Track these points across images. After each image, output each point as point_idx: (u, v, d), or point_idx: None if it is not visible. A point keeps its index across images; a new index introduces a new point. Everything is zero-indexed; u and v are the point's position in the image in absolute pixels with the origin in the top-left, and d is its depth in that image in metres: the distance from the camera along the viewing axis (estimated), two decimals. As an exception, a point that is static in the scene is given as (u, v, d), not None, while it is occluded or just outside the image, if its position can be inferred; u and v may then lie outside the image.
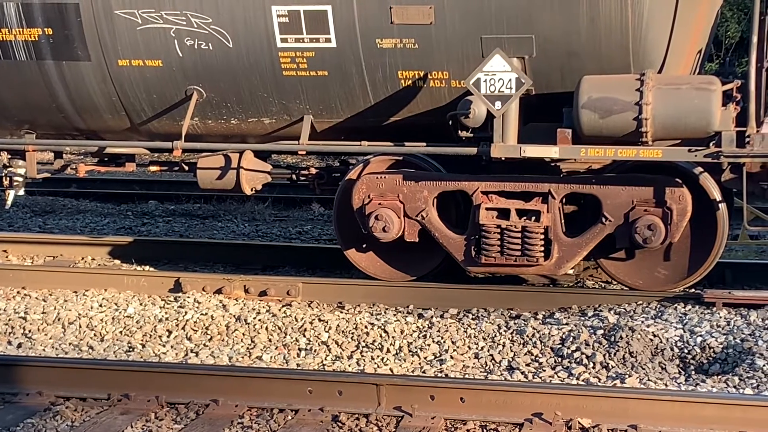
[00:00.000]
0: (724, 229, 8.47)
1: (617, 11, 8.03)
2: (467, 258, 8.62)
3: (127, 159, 10.05)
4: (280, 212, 13.55)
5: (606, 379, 6.94)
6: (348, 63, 8.64)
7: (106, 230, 12.41)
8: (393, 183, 8.69)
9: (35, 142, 9.79)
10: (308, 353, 7.66)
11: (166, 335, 8.12)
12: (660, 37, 8.24)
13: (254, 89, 8.94)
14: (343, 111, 8.94)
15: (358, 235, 8.93)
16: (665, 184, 8.24)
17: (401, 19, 8.41)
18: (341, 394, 6.12)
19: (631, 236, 8.27)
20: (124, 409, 6.14)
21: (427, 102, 8.71)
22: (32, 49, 9.18)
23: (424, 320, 8.27)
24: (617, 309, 8.35)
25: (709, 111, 7.88)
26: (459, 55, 8.43)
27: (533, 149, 8.23)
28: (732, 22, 18.76)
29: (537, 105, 8.52)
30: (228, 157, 9.24)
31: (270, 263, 10.39)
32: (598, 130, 8.02)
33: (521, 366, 7.26)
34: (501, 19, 8.23)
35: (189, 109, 9.02)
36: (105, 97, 9.27)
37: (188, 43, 8.82)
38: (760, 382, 6.72)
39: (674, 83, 8.01)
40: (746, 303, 8.29)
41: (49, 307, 8.70)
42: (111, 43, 8.98)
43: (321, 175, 9.61)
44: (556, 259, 8.46)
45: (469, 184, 8.55)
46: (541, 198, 8.44)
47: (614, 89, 7.98)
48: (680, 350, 7.35)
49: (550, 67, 8.34)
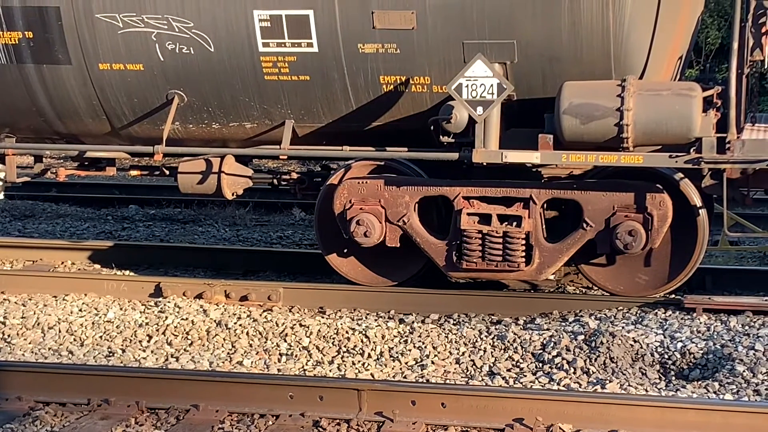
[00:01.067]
0: (705, 234, 8.50)
1: (598, 17, 8.05)
2: (448, 263, 8.61)
3: (108, 163, 10.01)
4: (261, 217, 13.54)
5: (587, 385, 6.94)
6: (330, 68, 8.64)
7: (86, 235, 12.35)
8: (374, 188, 8.68)
9: (15, 145, 9.73)
10: (289, 358, 7.65)
11: (147, 340, 8.09)
12: (641, 42, 8.26)
13: (236, 94, 8.92)
14: (325, 116, 8.93)
15: (340, 240, 8.92)
16: (646, 189, 8.26)
17: (383, 24, 8.41)
18: (322, 399, 6.11)
19: (612, 242, 8.28)
20: (104, 415, 6.11)
21: (409, 107, 8.71)
22: (12, 52, 9.14)
23: (405, 325, 8.25)
24: (598, 314, 8.36)
25: (689, 117, 7.91)
26: (441, 61, 8.43)
27: (515, 155, 8.23)
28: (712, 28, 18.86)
29: (518, 110, 8.54)
30: (209, 161, 9.22)
31: (251, 268, 10.37)
32: (579, 135, 8.03)
33: (502, 371, 7.27)
34: (483, 24, 8.23)
35: (170, 114, 9.00)
36: (85, 100, 9.24)
37: (169, 47, 8.80)
38: (740, 388, 6.74)
39: (655, 89, 8.03)
40: (726, 309, 8.32)
41: (28, 312, 8.66)
42: (92, 47, 8.95)
43: (302, 180, 9.60)
44: (537, 265, 8.46)
45: (450, 189, 8.56)
46: (523, 203, 8.44)
47: (595, 95, 7.99)
48: (660, 356, 7.37)
49: (531, 72, 8.35)
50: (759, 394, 6.64)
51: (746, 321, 8.06)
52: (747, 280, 9.39)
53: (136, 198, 14.80)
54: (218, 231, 12.59)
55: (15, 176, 9.83)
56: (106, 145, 9.63)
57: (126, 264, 10.48)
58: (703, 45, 18.61)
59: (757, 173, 8.14)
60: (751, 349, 7.26)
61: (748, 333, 7.73)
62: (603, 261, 8.71)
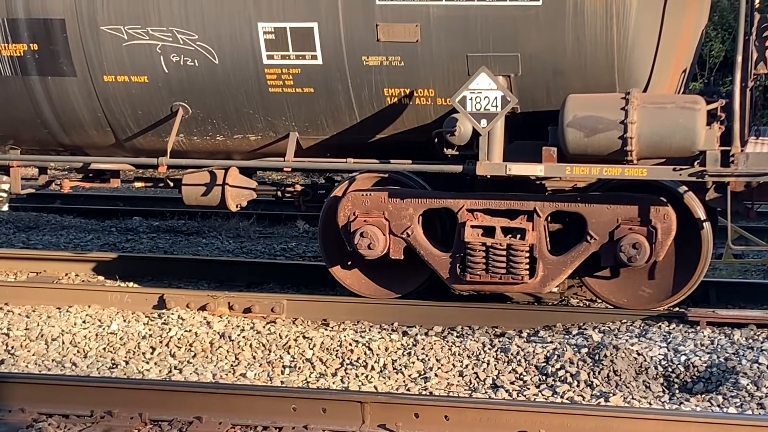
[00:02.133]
0: (709, 247, 8.49)
1: (602, 30, 8.06)
2: (452, 276, 8.61)
3: (112, 175, 10.03)
4: (265, 229, 13.54)
5: (590, 398, 6.94)
6: (334, 80, 8.65)
7: (89, 246, 12.35)
8: (378, 200, 8.68)
9: (19, 157, 9.75)
10: (292, 370, 7.65)
11: (150, 352, 8.09)
12: (645, 55, 8.27)
13: (240, 106, 8.93)
14: (329, 128, 8.93)
15: (343, 252, 8.92)
16: (650, 202, 8.26)
17: (387, 37, 8.42)
18: (325, 411, 6.11)
19: (616, 255, 8.28)
20: (107, 426, 6.11)
21: (413, 119, 8.72)
22: (17, 64, 9.16)
23: (408, 338, 8.25)
24: (602, 327, 8.35)
25: (693, 130, 7.91)
26: (445, 73, 8.44)
27: (519, 167, 8.23)
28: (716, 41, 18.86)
29: (522, 123, 8.53)
30: (213, 173, 9.23)
31: (254, 280, 10.36)
32: (583, 148, 8.04)
33: (506, 384, 7.26)
34: (487, 37, 8.24)
35: (174, 126, 9.01)
36: (90, 112, 9.25)
37: (174, 59, 8.81)
38: (743, 401, 6.73)
39: (659, 102, 8.04)
40: (730, 322, 8.31)
41: (32, 324, 8.67)
42: (97, 59, 8.96)
43: (306, 192, 9.61)
44: (541, 277, 8.46)
45: (454, 201, 8.56)
46: (527, 216, 8.44)
47: (599, 108, 8.00)
48: (664, 369, 7.36)
49: (535, 85, 8.36)
50: (763, 408, 6.62)
51: (750, 334, 8.06)
52: (751, 293, 9.37)
53: (139, 210, 14.79)
54: (222, 243, 12.59)
55: (20, 188, 9.84)
56: (110, 156, 9.64)
57: (130, 276, 10.48)
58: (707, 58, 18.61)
59: (761, 186, 8.14)
60: (755, 363, 7.25)
61: (752, 346, 7.72)
62: (607, 274, 8.70)
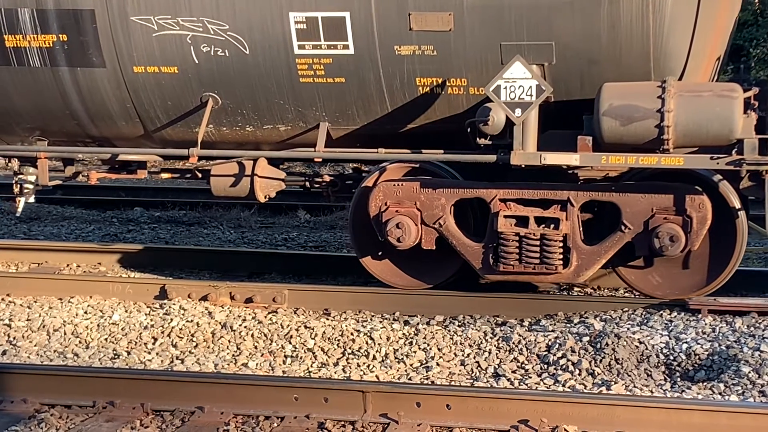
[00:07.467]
0: (744, 236, 8.44)
1: (638, 18, 8.01)
2: (485, 266, 8.57)
3: (139, 166, 9.99)
4: (266, 219, 13.52)
5: (592, 386, 6.91)
6: (365, 70, 8.60)
7: (91, 237, 12.36)
8: (410, 190, 8.64)
9: (47, 149, 9.71)
10: (294, 360, 7.64)
11: (152, 342, 8.07)
12: (681, 44, 8.21)
13: (270, 96, 8.89)
14: (360, 118, 8.89)
15: (374, 242, 8.88)
16: (685, 191, 8.21)
17: (420, 26, 8.37)
18: (327, 401, 6.11)
19: (651, 244, 8.24)
20: (110, 417, 6.11)
21: (445, 109, 8.67)
22: (47, 55, 9.12)
23: (410, 327, 8.22)
24: (603, 316, 8.32)
25: (731, 118, 7.86)
26: (478, 62, 8.40)
27: (554, 156, 8.19)
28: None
29: (555, 112, 8.49)
30: (242, 164, 9.19)
31: (256, 270, 10.34)
32: (619, 137, 7.99)
33: (507, 373, 7.23)
34: (521, 25, 8.19)
35: (204, 116, 8.97)
36: (119, 103, 9.21)
37: (204, 49, 8.77)
38: (745, 389, 6.70)
39: (696, 90, 7.99)
40: (731, 310, 8.26)
41: (33, 314, 8.65)
42: (126, 50, 8.92)
43: (334, 183, 9.57)
44: (575, 267, 8.42)
45: (487, 191, 8.51)
46: (560, 206, 8.40)
47: (636, 96, 7.94)
48: (666, 357, 7.33)
49: (569, 74, 8.31)
50: (765, 395, 6.60)
51: (752, 322, 8.03)
52: (752, 281, 9.31)
53: (141, 200, 14.81)
54: (223, 233, 12.57)
55: (47, 179, 9.82)
56: (138, 148, 9.61)
57: (131, 266, 10.50)
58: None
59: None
60: (756, 350, 7.24)
61: (753, 334, 7.71)
62: (640, 263, 8.66)
